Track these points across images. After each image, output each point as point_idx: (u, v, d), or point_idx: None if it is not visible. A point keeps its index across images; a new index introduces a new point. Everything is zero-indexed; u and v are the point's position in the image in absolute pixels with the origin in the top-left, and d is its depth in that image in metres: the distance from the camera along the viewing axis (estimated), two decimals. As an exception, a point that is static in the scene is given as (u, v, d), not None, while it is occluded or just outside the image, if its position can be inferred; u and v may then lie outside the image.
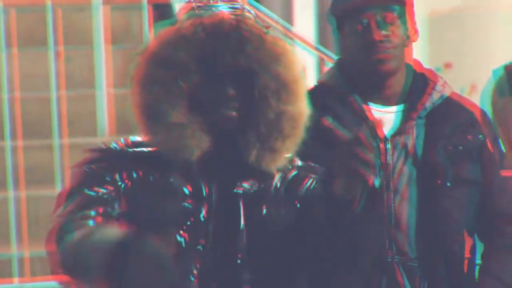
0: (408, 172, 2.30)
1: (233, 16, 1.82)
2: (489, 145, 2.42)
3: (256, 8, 4.56)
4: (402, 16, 2.33)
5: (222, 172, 1.85)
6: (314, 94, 2.33)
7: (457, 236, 2.35)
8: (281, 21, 4.64)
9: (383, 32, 2.27)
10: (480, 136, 2.39)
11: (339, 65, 2.43)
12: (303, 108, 1.86)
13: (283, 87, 1.81)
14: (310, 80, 2.19)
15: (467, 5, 7.14)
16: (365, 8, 2.29)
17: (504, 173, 2.49)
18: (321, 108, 2.24)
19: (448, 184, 2.30)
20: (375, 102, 2.35)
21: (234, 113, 1.80)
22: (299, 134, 1.85)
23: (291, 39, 5.05)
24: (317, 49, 4.90)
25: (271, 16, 4.67)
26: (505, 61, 4.06)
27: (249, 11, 1.89)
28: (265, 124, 1.80)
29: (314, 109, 2.14)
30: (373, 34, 2.27)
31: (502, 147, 2.52)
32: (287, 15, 7.47)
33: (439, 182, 2.30)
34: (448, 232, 2.33)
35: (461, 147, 2.34)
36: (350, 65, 2.37)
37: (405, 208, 2.30)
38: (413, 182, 2.31)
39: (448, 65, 7.04)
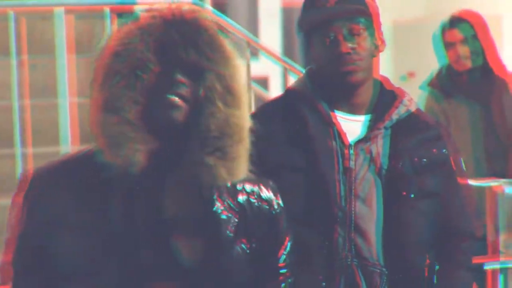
0: (371, 179, 2.36)
1: (191, 9, 1.85)
2: (452, 161, 2.48)
3: (222, 18, 4.56)
4: (368, 27, 2.38)
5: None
6: (284, 99, 2.47)
7: (418, 248, 2.40)
8: (246, 32, 4.63)
9: (350, 44, 2.32)
10: (444, 150, 2.45)
11: (309, 73, 2.47)
12: (247, 116, 1.87)
13: (228, 91, 1.81)
14: (275, 90, 2.23)
15: (430, 14, 7.20)
16: (332, 21, 2.34)
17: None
18: (290, 113, 2.38)
19: (412, 196, 2.36)
20: (343, 110, 2.40)
21: (180, 102, 1.78)
22: (247, 141, 1.86)
23: (257, 49, 5.07)
24: (282, 60, 4.92)
25: (236, 27, 4.67)
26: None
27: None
28: (214, 127, 1.80)
29: (284, 114, 2.30)
30: (341, 46, 2.32)
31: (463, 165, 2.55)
32: (253, 26, 7.51)
33: (403, 192, 2.36)
34: (409, 243, 2.38)
35: (425, 160, 2.39)
36: (319, 75, 2.42)
37: (366, 214, 2.35)
38: (376, 189, 2.36)
39: (411, 74, 7.09)
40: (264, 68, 5.90)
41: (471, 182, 3.87)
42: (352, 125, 2.39)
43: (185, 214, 1.81)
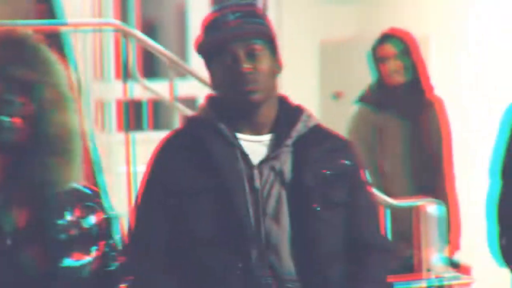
0: (279, 196, 2.39)
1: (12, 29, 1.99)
2: (357, 172, 2.52)
3: (147, 40, 4.55)
4: (269, 48, 2.42)
5: None
6: (187, 128, 2.51)
7: (329, 259, 2.42)
8: (171, 53, 4.62)
9: (251, 64, 2.36)
10: (347, 162, 2.48)
11: (209, 99, 2.50)
12: (77, 119, 2.02)
13: (58, 97, 1.95)
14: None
15: (358, 34, 7.26)
16: (232, 41, 2.38)
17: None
18: (195, 140, 2.42)
19: (318, 208, 2.39)
20: (246, 132, 2.43)
21: (12, 121, 1.88)
22: (80, 144, 2.02)
23: (185, 74, 5.06)
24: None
25: (160, 49, 4.65)
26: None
27: None
28: (51, 133, 1.93)
29: (188, 142, 2.39)
30: (241, 66, 2.35)
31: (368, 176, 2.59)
32: (182, 52, 7.50)
33: (309, 205, 2.39)
34: (320, 255, 2.40)
35: (329, 172, 2.43)
36: (220, 98, 2.46)
37: (277, 231, 2.38)
38: (284, 205, 2.39)
39: (339, 94, 7.13)
40: (192, 88, 5.87)
41: (396, 201, 3.94)
42: (256, 146, 2.42)
43: (27, 223, 1.94)
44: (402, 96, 4.38)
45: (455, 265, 4.40)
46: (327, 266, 2.41)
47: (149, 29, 7.94)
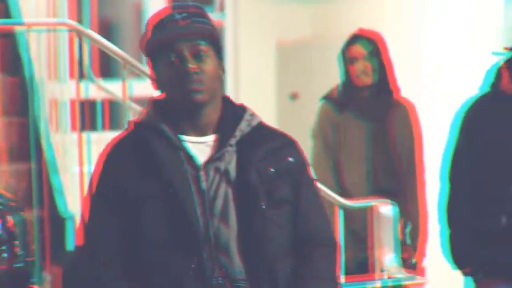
0: (225, 196, 2.43)
1: None
2: (302, 170, 2.56)
3: (101, 40, 4.52)
4: (214, 50, 2.46)
5: None
6: (133, 132, 2.50)
7: (277, 257, 2.45)
8: (124, 53, 4.59)
9: (196, 65, 2.40)
10: (292, 159, 2.52)
11: (153, 102, 2.51)
12: None
13: None
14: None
15: (314, 35, 7.28)
16: (179, 41, 2.41)
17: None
18: (140, 144, 2.43)
19: (263, 206, 2.43)
20: (190, 133, 2.46)
21: None
22: None
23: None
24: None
25: (114, 49, 4.62)
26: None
27: None
28: None
29: (134, 146, 2.43)
30: (187, 66, 2.39)
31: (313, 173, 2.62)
32: (139, 52, 7.46)
33: (254, 204, 2.43)
34: (268, 253, 2.44)
35: (273, 170, 2.47)
36: (164, 100, 2.48)
37: (225, 231, 2.41)
38: (231, 205, 2.43)
39: (295, 95, 7.14)
40: (149, 89, 5.84)
41: (350, 202, 3.96)
42: (201, 147, 2.46)
43: None
44: (368, 97, 4.40)
45: (412, 266, 4.43)
46: (275, 263, 2.44)
47: (106, 29, 7.91)
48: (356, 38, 4.42)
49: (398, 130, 4.40)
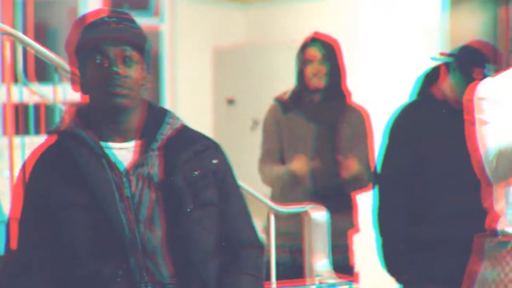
0: (150, 201, 2.42)
1: None
2: (226, 172, 2.57)
3: (31, 45, 4.47)
4: (142, 58, 2.45)
5: None
6: (56, 141, 2.46)
7: (204, 260, 2.46)
8: (55, 58, 4.54)
9: (122, 69, 2.39)
10: (216, 162, 2.53)
11: (76, 109, 2.49)
12: None
13: None
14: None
15: (250, 41, 7.29)
16: (108, 44, 2.39)
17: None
18: (63, 153, 2.41)
19: (188, 209, 2.43)
20: (113, 140, 2.45)
21: None
22: None
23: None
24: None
25: (46, 53, 4.57)
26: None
27: None
28: None
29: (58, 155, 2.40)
30: (113, 69, 2.37)
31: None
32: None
33: (180, 207, 2.42)
34: (195, 256, 2.44)
35: (196, 172, 2.47)
36: (87, 106, 2.47)
37: (151, 236, 2.40)
38: (157, 210, 2.42)
39: (231, 100, 7.15)
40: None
41: (282, 207, 3.96)
42: (124, 152, 2.44)
43: None
44: (319, 100, 4.41)
45: (348, 271, 4.45)
46: (203, 266, 2.45)
47: (42, 33, 7.82)
48: (313, 41, 4.43)
49: (348, 135, 4.41)
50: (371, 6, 5.82)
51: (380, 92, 5.74)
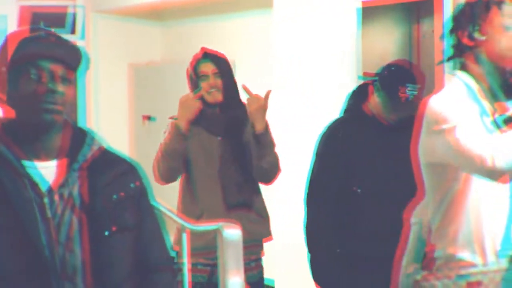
0: (71, 223, 2.39)
1: None
2: (143, 195, 2.59)
3: None
4: (73, 76, 2.43)
5: None
6: None
7: (122, 283, 2.48)
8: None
9: (57, 85, 2.36)
10: (134, 185, 2.54)
11: (1, 126, 2.46)
12: None
13: None
14: None
15: (167, 57, 7.30)
16: (41, 60, 2.36)
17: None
18: None
19: (106, 233, 2.43)
20: (39, 158, 2.42)
21: None
22: None
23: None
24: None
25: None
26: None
27: None
28: None
29: None
30: (49, 85, 2.35)
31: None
32: None
33: (99, 230, 2.42)
34: (112, 279, 2.45)
35: (115, 196, 2.48)
36: (13, 123, 2.42)
37: (71, 259, 2.38)
38: (76, 232, 2.40)
39: (146, 117, 7.14)
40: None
41: (196, 225, 3.96)
42: (47, 171, 2.41)
43: None
44: (219, 114, 4.42)
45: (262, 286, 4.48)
46: None
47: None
48: (205, 56, 4.45)
49: (248, 146, 4.43)
50: (284, 26, 5.87)
51: (292, 113, 5.79)
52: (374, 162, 3.87)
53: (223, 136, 4.41)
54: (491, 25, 2.79)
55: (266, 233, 4.49)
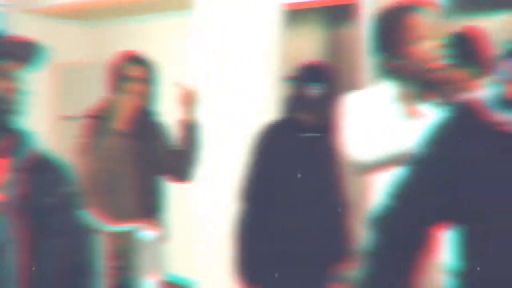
0: (7, 223, 2.37)
1: None
2: (73, 198, 2.57)
3: None
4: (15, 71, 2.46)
5: None
6: None
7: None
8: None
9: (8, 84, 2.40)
10: (64, 190, 2.54)
11: None
12: None
13: None
14: None
15: (88, 58, 7.26)
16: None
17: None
18: None
19: (38, 236, 2.41)
20: None
21: None
22: None
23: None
24: None
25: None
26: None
27: None
28: None
29: None
30: (8, 84, 2.38)
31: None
32: None
33: (31, 233, 2.40)
34: (40, 285, 2.43)
35: (47, 199, 2.46)
36: None
37: (8, 259, 2.37)
38: (14, 233, 2.37)
39: (66, 117, 7.09)
40: None
41: (112, 226, 3.96)
42: None
43: None
44: (140, 118, 4.41)
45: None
46: None
47: None
48: (136, 60, 4.43)
49: (156, 150, 4.44)
50: (205, 28, 5.88)
51: (214, 113, 5.80)
52: (296, 162, 3.91)
53: (142, 140, 4.41)
54: (403, 41, 2.80)
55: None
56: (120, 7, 6.97)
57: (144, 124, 4.43)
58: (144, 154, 4.39)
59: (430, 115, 2.50)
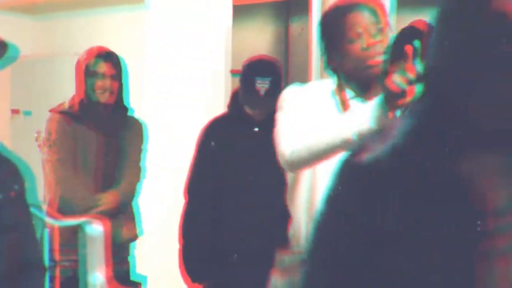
0: None
1: None
2: (19, 194, 2.54)
3: None
4: None
5: None
6: None
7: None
8: None
9: None
10: (16, 186, 2.52)
11: None
12: None
13: None
14: None
15: (37, 52, 7.23)
16: None
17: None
18: None
19: None
20: None
21: None
22: None
23: None
24: None
25: None
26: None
27: None
28: None
29: None
30: None
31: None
32: None
33: None
34: None
35: (0, 195, 2.45)
36: None
37: None
38: None
39: (15, 111, 7.06)
40: None
41: (63, 220, 3.96)
42: None
43: None
44: (108, 114, 4.40)
45: (133, 283, 4.49)
46: None
47: None
48: (105, 56, 4.41)
49: (127, 146, 4.45)
50: (157, 22, 5.89)
51: (164, 108, 5.82)
52: (244, 158, 3.94)
53: (111, 135, 4.41)
54: (343, 39, 2.84)
55: (134, 234, 4.51)
56: (72, 1, 6.95)
57: (115, 121, 4.44)
58: (111, 150, 4.40)
59: (357, 109, 2.54)
